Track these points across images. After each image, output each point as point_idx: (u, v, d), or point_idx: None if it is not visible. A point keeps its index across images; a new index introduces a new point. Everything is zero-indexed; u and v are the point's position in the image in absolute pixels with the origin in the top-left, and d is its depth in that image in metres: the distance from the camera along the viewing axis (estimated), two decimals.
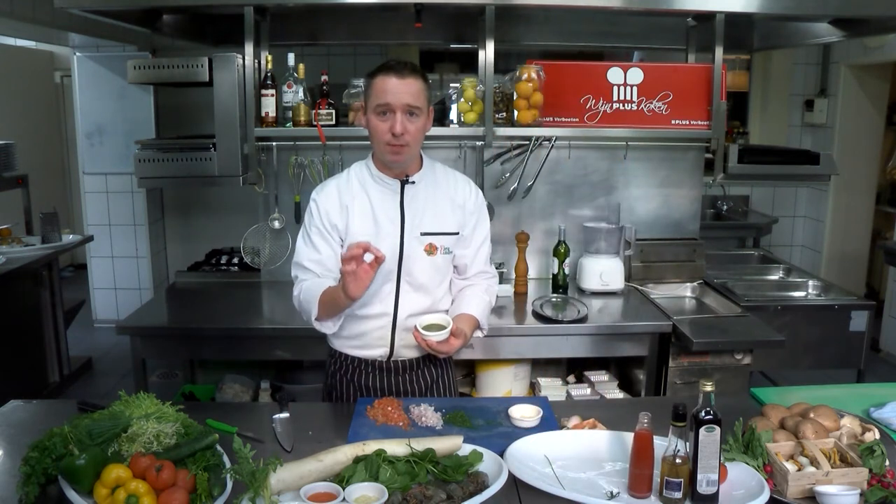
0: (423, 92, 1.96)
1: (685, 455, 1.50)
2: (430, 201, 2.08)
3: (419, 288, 2.09)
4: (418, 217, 2.06)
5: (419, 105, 1.94)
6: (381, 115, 1.96)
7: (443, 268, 2.13)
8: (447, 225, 2.10)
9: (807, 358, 3.31)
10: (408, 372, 2.17)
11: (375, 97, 1.96)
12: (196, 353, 3.35)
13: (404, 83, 1.93)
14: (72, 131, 6.30)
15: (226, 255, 3.93)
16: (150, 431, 1.60)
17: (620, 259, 3.33)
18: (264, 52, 3.24)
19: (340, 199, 2.07)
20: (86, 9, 2.99)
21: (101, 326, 5.81)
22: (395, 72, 1.94)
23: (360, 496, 1.48)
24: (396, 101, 1.93)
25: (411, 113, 1.95)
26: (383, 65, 1.98)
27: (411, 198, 2.07)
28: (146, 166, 3.16)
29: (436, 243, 2.08)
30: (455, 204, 2.12)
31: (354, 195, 2.07)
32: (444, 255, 2.10)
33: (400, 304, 2.08)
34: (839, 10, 3.21)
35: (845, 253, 5.83)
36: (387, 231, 2.04)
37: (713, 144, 3.30)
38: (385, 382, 2.16)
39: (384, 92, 1.94)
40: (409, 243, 2.05)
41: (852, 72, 5.52)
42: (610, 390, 3.04)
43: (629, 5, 3.14)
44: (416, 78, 1.96)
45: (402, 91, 1.93)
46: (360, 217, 2.05)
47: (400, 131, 1.93)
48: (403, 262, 2.06)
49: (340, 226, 2.06)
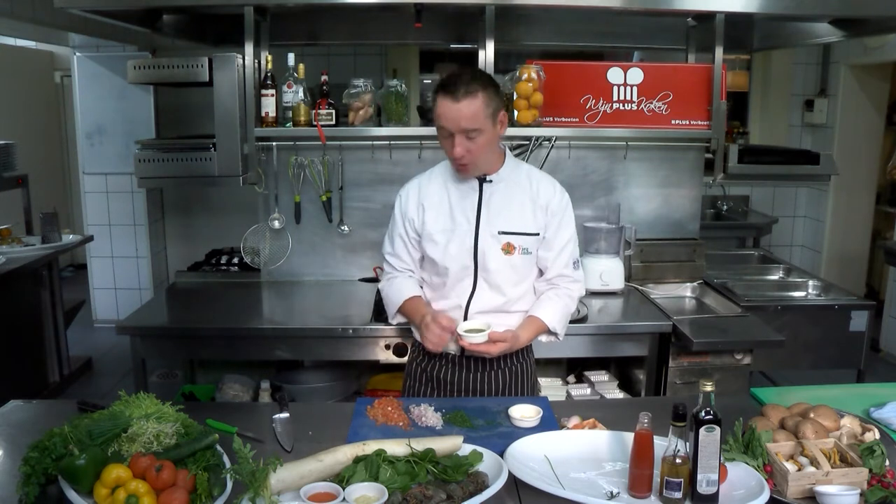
0: (480, 111, 1.93)
1: (685, 455, 1.50)
2: (510, 200, 2.11)
3: (495, 287, 2.12)
4: (495, 215, 2.09)
5: (476, 127, 1.94)
6: (443, 134, 1.99)
7: (521, 268, 2.14)
8: (527, 225, 2.11)
9: (807, 358, 3.31)
10: (482, 370, 2.19)
11: (436, 118, 1.98)
12: (196, 353, 3.35)
13: (458, 107, 1.92)
14: (72, 131, 6.30)
15: (226, 255, 3.92)
16: (150, 431, 1.60)
17: (620, 259, 3.33)
18: (264, 52, 3.24)
19: (419, 196, 2.16)
20: (86, 9, 2.99)
21: (101, 326, 5.81)
22: (450, 95, 1.92)
23: (360, 496, 1.48)
24: (453, 126, 1.94)
25: (470, 136, 1.95)
26: (442, 83, 1.96)
27: (490, 196, 2.10)
28: (146, 166, 3.16)
29: (514, 243, 2.10)
30: (537, 205, 2.12)
31: (433, 192, 2.15)
32: (523, 256, 2.12)
33: (474, 299, 2.12)
34: (839, 10, 3.21)
35: (845, 253, 5.83)
36: (462, 228, 2.10)
37: (713, 144, 3.30)
38: (458, 378, 2.19)
39: (441, 116, 1.96)
40: (485, 241, 2.09)
41: (852, 72, 5.52)
42: (610, 390, 3.04)
43: (629, 5, 3.14)
44: (473, 97, 1.92)
45: (456, 116, 1.93)
46: (435, 214, 2.12)
47: (459, 155, 1.97)
48: (479, 259, 2.09)
49: (417, 222, 2.15)
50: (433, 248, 2.13)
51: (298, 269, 3.47)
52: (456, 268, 2.10)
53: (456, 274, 2.11)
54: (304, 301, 3.30)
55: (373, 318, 2.88)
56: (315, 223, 3.44)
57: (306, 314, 3.13)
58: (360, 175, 3.39)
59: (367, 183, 3.41)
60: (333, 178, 3.38)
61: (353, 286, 3.40)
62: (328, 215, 3.41)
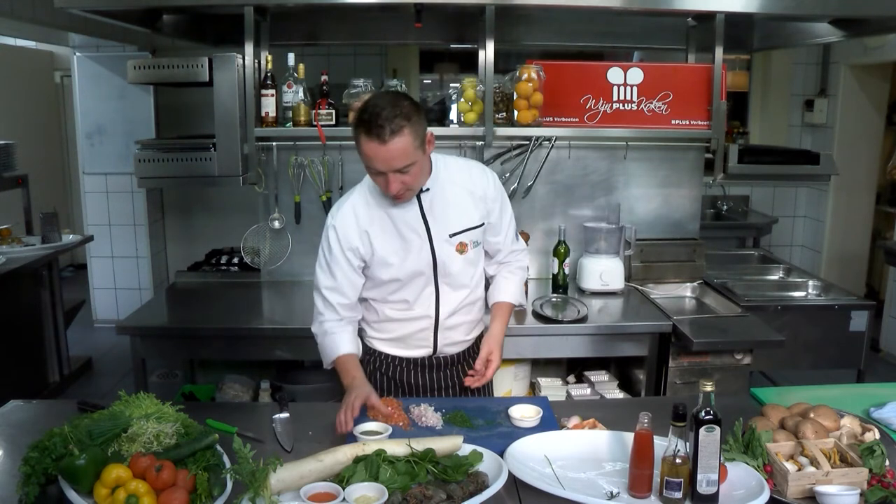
0: (409, 146, 1.85)
1: (685, 455, 1.50)
2: (450, 202, 2.09)
3: (457, 286, 2.13)
4: (442, 220, 2.08)
5: (409, 162, 1.87)
6: (375, 173, 1.94)
7: (475, 260, 2.16)
8: (472, 219, 2.11)
9: (807, 358, 3.31)
10: (448, 367, 2.20)
11: (363, 157, 1.90)
12: (196, 353, 3.35)
13: (387, 149, 1.83)
14: (72, 131, 6.29)
15: (226, 255, 3.92)
16: (150, 431, 1.60)
17: (620, 259, 3.33)
18: (264, 52, 3.24)
19: (358, 224, 2.06)
20: (86, 9, 2.99)
21: (101, 326, 5.80)
22: (376, 137, 1.82)
23: (360, 496, 1.48)
24: (385, 167, 1.87)
25: (402, 171, 1.89)
26: (363, 121, 1.85)
27: (430, 204, 2.07)
28: (146, 166, 3.16)
29: (465, 240, 2.10)
30: (475, 196, 2.12)
31: (373, 216, 2.06)
32: (475, 249, 2.14)
33: (441, 304, 2.12)
34: (839, 10, 3.21)
35: (845, 253, 5.83)
36: (415, 244, 2.06)
37: (713, 144, 3.30)
38: (426, 378, 2.19)
39: (370, 158, 1.88)
40: (441, 247, 2.07)
41: (852, 72, 5.52)
42: (610, 390, 3.04)
43: (629, 5, 3.14)
44: (400, 135, 1.83)
45: (387, 157, 1.85)
46: (382, 237, 2.05)
47: (396, 191, 1.92)
48: (439, 266, 2.08)
49: (362, 249, 2.06)
50: (387, 270, 2.06)
51: (298, 269, 3.46)
52: (417, 281, 2.08)
53: (418, 287, 2.09)
54: (304, 301, 3.28)
55: None
56: (315, 223, 3.44)
57: (306, 314, 3.09)
58: (360, 175, 3.31)
59: None
60: (333, 178, 3.38)
61: None
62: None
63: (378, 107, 1.84)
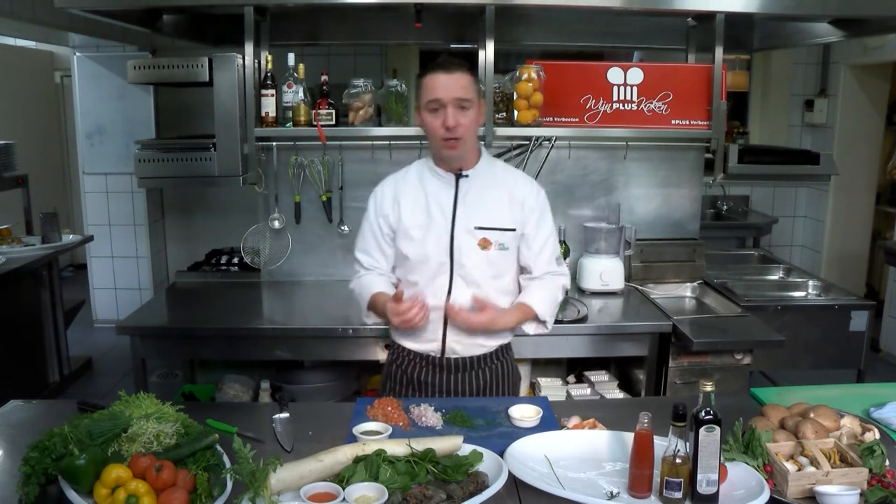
0: (471, 85, 2.01)
1: (685, 455, 1.50)
2: (486, 196, 2.11)
3: (472, 282, 2.11)
4: (472, 211, 2.09)
5: (469, 97, 1.99)
6: (433, 112, 2.02)
7: (497, 263, 2.13)
8: (503, 221, 2.11)
9: (807, 358, 3.31)
10: (462, 371, 2.18)
11: (426, 94, 2.01)
12: (196, 353, 3.35)
13: (452, 78, 1.98)
14: (72, 131, 6.29)
15: (226, 255, 3.92)
16: (150, 431, 1.60)
17: (620, 259, 3.33)
18: (264, 52, 3.24)
19: (395, 192, 2.16)
20: (86, 9, 2.99)
21: (101, 326, 5.80)
22: (443, 68, 1.99)
23: (360, 496, 1.48)
24: (446, 95, 1.98)
25: (462, 106, 1.99)
26: (432, 63, 2.03)
27: (466, 191, 2.10)
28: (146, 166, 3.16)
29: (490, 238, 2.09)
30: (514, 200, 2.12)
31: (409, 189, 2.15)
32: (500, 251, 2.11)
33: (452, 297, 2.10)
34: (839, 10, 3.21)
35: (845, 253, 5.83)
36: (438, 223, 2.09)
37: (713, 144, 3.29)
38: (439, 379, 2.18)
39: (434, 88, 1.99)
40: (461, 236, 2.08)
41: (852, 72, 5.52)
42: (610, 390, 3.04)
43: (629, 5, 3.14)
44: (464, 72, 2.01)
45: (451, 86, 1.97)
46: (411, 209, 2.12)
47: (452, 124, 1.99)
48: (455, 254, 2.08)
49: (392, 217, 2.14)
50: (408, 244, 2.11)
51: (298, 269, 3.47)
52: (432, 264, 2.09)
53: (432, 270, 2.09)
54: (304, 301, 3.30)
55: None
56: (315, 223, 3.44)
57: (306, 314, 3.13)
58: (360, 175, 3.39)
59: (367, 183, 3.36)
60: (333, 178, 3.38)
61: None
62: (328, 215, 3.41)
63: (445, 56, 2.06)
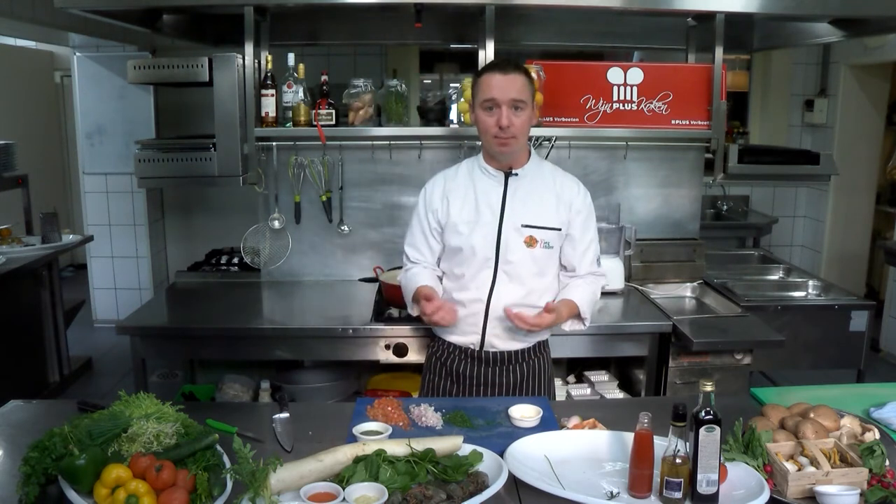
0: (526, 86, 2.07)
1: (685, 455, 1.50)
2: (534, 195, 2.17)
3: (515, 278, 2.15)
4: (519, 208, 2.14)
5: (523, 98, 2.05)
6: (488, 111, 2.07)
7: (542, 261, 2.18)
8: (550, 220, 2.16)
9: (807, 358, 3.31)
10: (500, 365, 2.22)
11: (482, 93, 2.07)
12: (196, 353, 3.35)
13: (508, 79, 2.04)
14: (72, 131, 6.30)
15: (226, 255, 3.92)
16: (150, 431, 1.60)
17: (620, 259, 3.33)
18: (264, 52, 3.24)
19: (445, 187, 2.23)
20: (86, 9, 2.99)
21: (101, 326, 5.80)
22: (499, 69, 2.06)
23: (360, 496, 1.48)
24: (502, 95, 2.04)
25: (516, 107, 2.04)
26: (489, 63, 2.13)
27: (514, 189, 2.16)
28: (146, 166, 3.16)
29: (536, 236, 2.14)
30: (561, 200, 2.18)
31: (459, 185, 2.21)
32: (545, 249, 2.16)
33: (495, 291, 2.15)
34: (839, 10, 3.21)
35: (845, 253, 5.83)
36: (486, 219, 2.14)
37: (713, 144, 3.29)
38: (477, 372, 2.22)
39: (490, 88, 2.05)
40: (508, 233, 2.13)
41: (852, 72, 5.52)
42: (610, 390, 3.04)
43: (629, 5, 3.14)
44: (520, 74, 2.06)
45: (506, 86, 2.04)
46: (460, 204, 2.18)
47: (506, 124, 2.04)
48: (501, 251, 2.13)
49: (441, 212, 2.21)
50: (457, 237, 2.17)
51: (298, 269, 3.47)
52: (478, 258, 2.15)
53: (477, 265, 2.15)
54: (304, 301, 3.30)
55: (373, 318, 2.87)
56: (315, 223, 3.44)
57: (306, 314, 3.13)
58: (360, 175, 3.39)
59: (367, 183, 3.41)
60: (333, 178, 3.38)
61: (353, 286, 3.40)
62: (328, 215, 3.41)
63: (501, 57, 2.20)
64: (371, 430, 1.84)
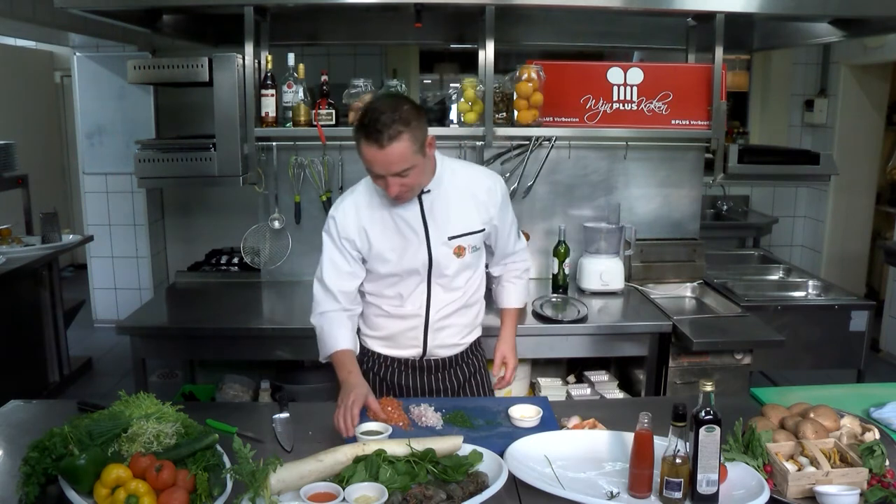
0: (408, 151, 1.87)
1: (685, 455, 1.50)
2: (451, 204, 2.10)
3: (449, 287, 2.14)
4: (442, 223, 2.08)
5: (408, 166, 1.89)
6: (375, 175, 1.96)
7: (473, 264, 2.17)
8: (472, 224, 2.12)
9: (807, 358, 3.31)
10: (440, 370, 2.21)
11: (363, 160, 1.93)
12: (196, 353, 3.35)
13: (385, 154, 1.85)
14: (72, 131, 6.29)
15: (226, 255, 3.92)
16: (150, 431, 1.60)
17: (620, 259, 3.33)
18: (264, 52, 3.24)
19: (359, 219, 2.09)
20: (86, 9, 2.99)
21: (101, 326, 5.80)
22: (374, 142, 1.85)
23: (360, 496, 1.48)
24: (383, 171, 1.90)
25: (402, 174, 1.91)
26: (363, 126, 1.87)
27: (431, 206, 2.08)
28: (146, 166, 3.16)
29: (463, 244, 2.11)
30: (478, 201, 2.13)
31: (373, 213, 2.08)
32: (473, 253, 2.14)
33: (432, 303, 2.13)
34: (839, 10, 3.21)
35: (845, 253, 5.83)
36: (413, 242, 2.07)
37: (713, 144, 3.30)
38: (418, 380, 2.20)
39: (370, 162, 1.91)
40: (438, 249, 2.09)
41: (852, 72, 5.52)
42: (610, 390, 3.04)
43: (629, 5, 3.14)
44: (398, 140, 1.84)
45: (384, 161, 1.87)
46: (381, 234, 2.08)
47: (396, 193, 1.95)
48: (434, 267, 2.10)
49: (359, 243, 2.09)
50: (385, 265, 2.09)
51: (298, 269, 3.46)
52: (412, 279, 2.11)
53: (412, 284, 2.11)
54: (305, 301, 3.26)
55: None
56: (315, 223, 3.43)
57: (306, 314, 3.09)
58: (360, 175, 3.31)
59: None
60: (333, 178, 3.38)
61: None
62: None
63: (377, 111, 1.85)
64: (371, 430, 1.84)
